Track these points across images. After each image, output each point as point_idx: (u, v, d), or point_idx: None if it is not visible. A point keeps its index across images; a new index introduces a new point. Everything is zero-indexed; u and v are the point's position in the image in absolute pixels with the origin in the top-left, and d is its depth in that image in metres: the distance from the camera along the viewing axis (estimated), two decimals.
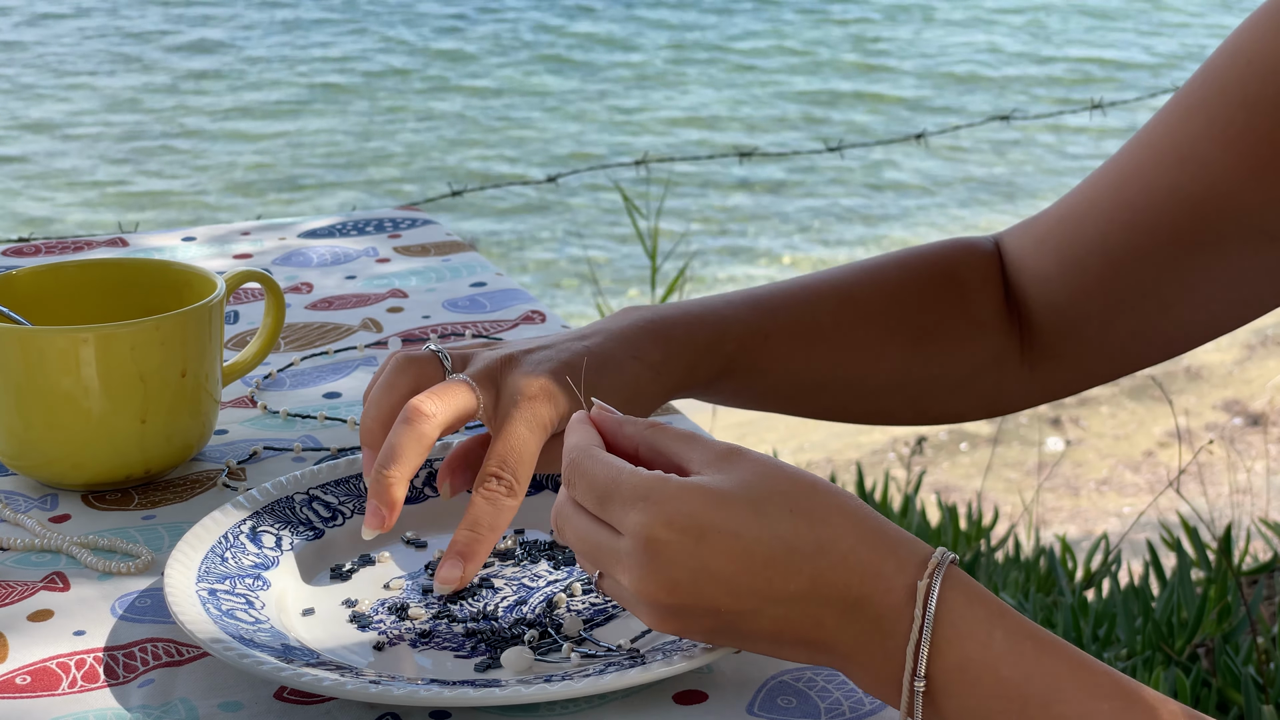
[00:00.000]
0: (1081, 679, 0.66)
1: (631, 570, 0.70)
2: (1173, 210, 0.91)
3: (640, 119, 7.60)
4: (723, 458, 0.72)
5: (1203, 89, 0.91)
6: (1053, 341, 0.99)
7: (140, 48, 8.87)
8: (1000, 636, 0.67)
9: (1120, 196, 0.94)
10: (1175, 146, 0.91)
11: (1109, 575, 2.62)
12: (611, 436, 0.77)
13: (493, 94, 8.04)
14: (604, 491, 0.72)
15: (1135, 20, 9.63)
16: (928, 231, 6.10)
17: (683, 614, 0.71)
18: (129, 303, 1.06)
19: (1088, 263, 0.95)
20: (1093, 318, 0.96)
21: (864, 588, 0.68)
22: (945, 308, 0.99)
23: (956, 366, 1.00)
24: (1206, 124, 0.89)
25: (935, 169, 6.73)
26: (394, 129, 7.44)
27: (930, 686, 0.67)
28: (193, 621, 0.79)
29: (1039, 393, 1.02)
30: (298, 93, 8.04)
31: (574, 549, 0.75)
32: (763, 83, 8.24)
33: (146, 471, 0.99)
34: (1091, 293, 0.95)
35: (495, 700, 0.74)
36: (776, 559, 0.69)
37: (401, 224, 1.49)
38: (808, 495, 0.70)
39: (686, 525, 0.69)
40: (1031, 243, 0.99)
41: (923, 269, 1.00)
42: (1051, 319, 0.98)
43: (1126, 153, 0.95)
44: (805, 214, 6.25)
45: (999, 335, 1.00)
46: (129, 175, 6.74)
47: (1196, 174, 0.90)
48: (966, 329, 1.00)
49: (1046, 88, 8.14)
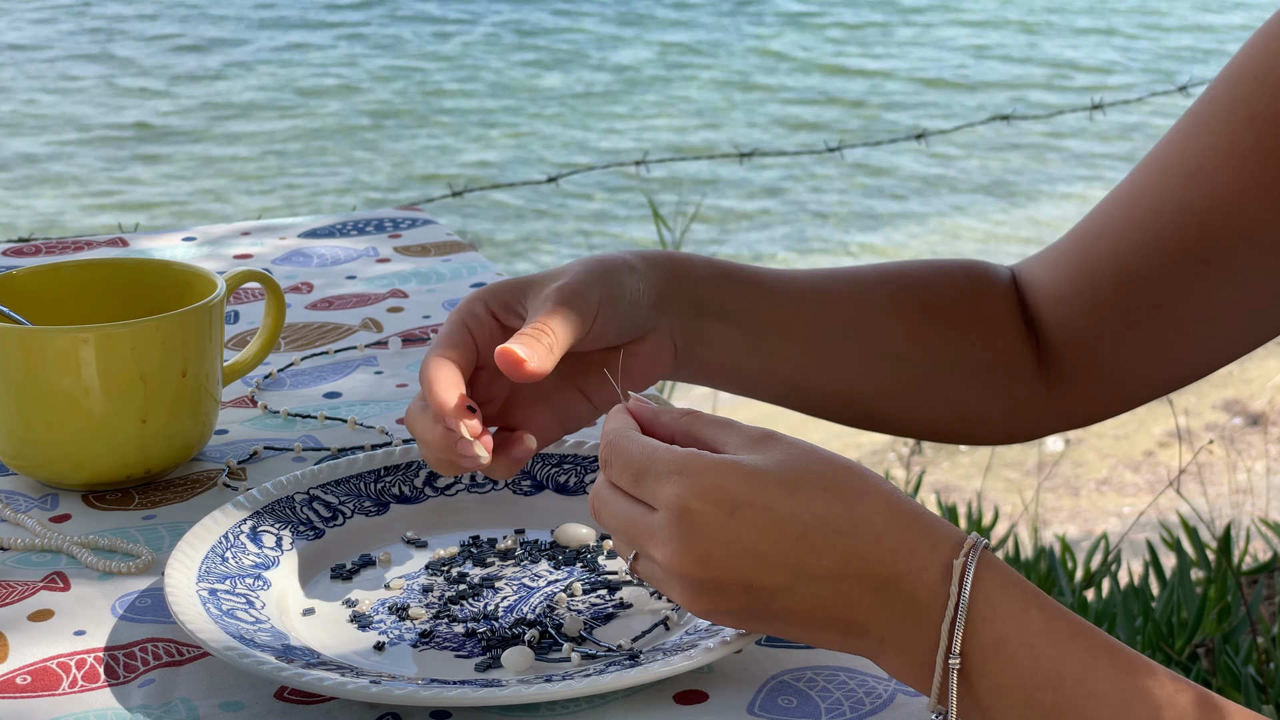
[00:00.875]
0: (1115, 657, 0.67)
1: (665, 544, 0.71)
2: (1181, 228, 0.91)
3: (640, 119, 7.60)
4: (758, 441, 0.73)
5: (1210, 105, 0.91)
6: (1069, 364, 0.98)
7: (137, 46, 8.88)
8: (1036, 615, 0.68)
9: (1130, 216, 0.93)
10: (1182, 164, 0.91)
11: (1109, 575, 2.62)
12: (648, 425, 0.77)
13: (493, 94, 8.04)
14: (639, 468, 0.72)
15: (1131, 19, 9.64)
16: (928, 232, 6.10)
17: (715, 590, 0.71)
18: (129, 303, 1.06)
19: (1100, 282, 0.95)
20: (1107, 339, 0.96)
21: (898, 566, 0.69)
22: (964, 299, 0.98)
23: (972, 355, 0.98)
24: (1213, 140, 0.89)
25: (935, 169, 6.73)
26: (394, 129, 7.44)
27: (964, 665, 0.68)
28: (193, 621, 0.79)
29: (1056, 418, 1.01)
30: (298, 92, 8.04)
31: (610, 530, 0.75)
32: (762, 83, 8.24)
33: (147, 471, 0.99)
34: (1105, 313, 0.95)
35: (496, 700, 0.74)
36: (810, 534, 0.69)
37: (401, 224, 1.49)
38: (843, 475, 0.71)
39: (720, 498, 0.70)
40: (1046, 266, 0.99)
41: (943, 266, 0.99)
42: (1067, 340, 0.97)
43: (1137, 173, 0.95)
44: (805, 214, 6.25)
45: (1015, 340, 0.99)
46: (130, 175, 6.74)
47: (1204, 190, 0.90)
48: (984, 322, 0.99)
49: (1045, 89, 8.14)
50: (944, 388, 0.98)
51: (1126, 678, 0.67)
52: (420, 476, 0.96)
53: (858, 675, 0.78)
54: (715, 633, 0.78)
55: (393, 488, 0.95)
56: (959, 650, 0.68)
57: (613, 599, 0.85)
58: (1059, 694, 0.67)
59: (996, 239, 6.00)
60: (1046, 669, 0.67)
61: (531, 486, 0.96)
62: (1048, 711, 0.67)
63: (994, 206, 6.37)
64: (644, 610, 0.84)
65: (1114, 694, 0.67)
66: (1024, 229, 6.10)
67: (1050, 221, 6.17)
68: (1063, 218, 6.21)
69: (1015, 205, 6.38)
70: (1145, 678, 0.67)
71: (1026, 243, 5.94)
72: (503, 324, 0.86)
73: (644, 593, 0.85)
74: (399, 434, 1.07)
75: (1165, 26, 9.54)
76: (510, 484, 0.96)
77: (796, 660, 0.79)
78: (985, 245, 5.93)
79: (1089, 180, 6.64)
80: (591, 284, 0.85)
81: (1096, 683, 0.67)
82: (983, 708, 0.68)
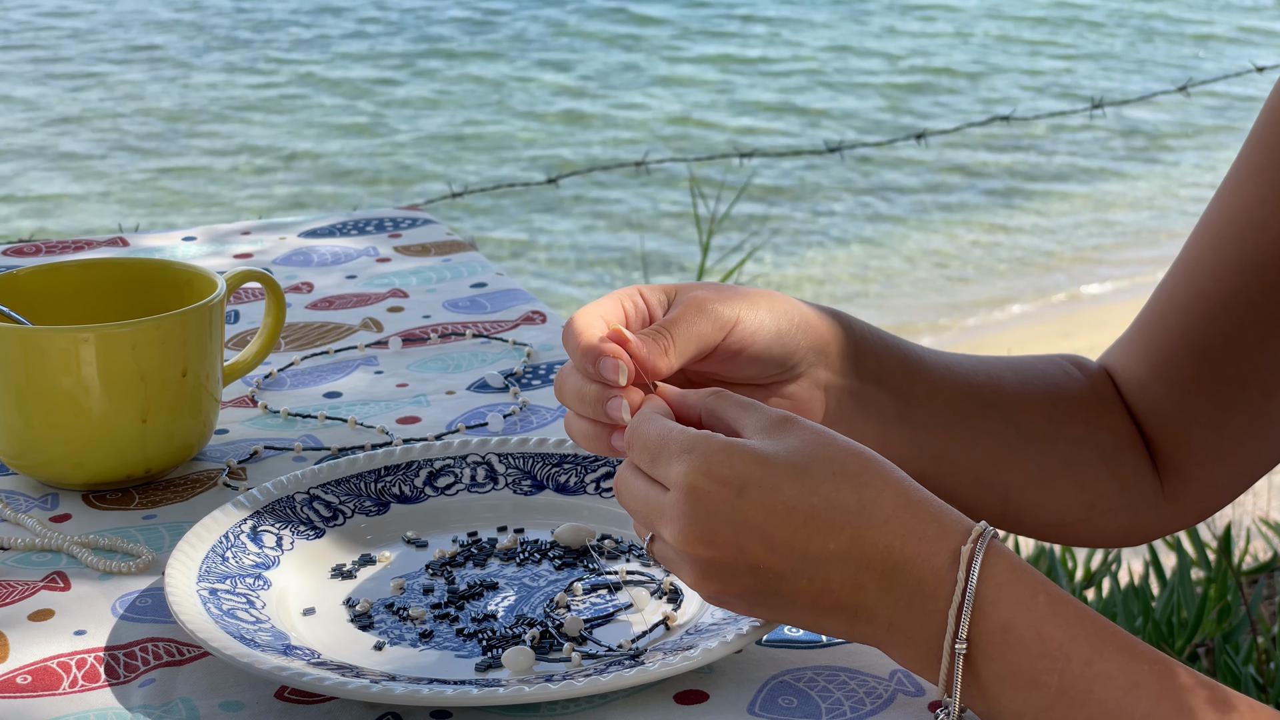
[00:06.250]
0: (1121, 641, 0.68)
1: (674, 522, 0.71)
2: (1243, 287, 0.90)
3: (640, 120, 7.60)
4: (776, 424, 0.73)
5: (1252, 158, 0.90)
6: (1168, 454, 0.96)
7: (153, 38, 8.88)
8: (1043, 599, 0.68)
9: (1192, 288, 0.92)
10: (1233, 221, 0.90)
11: (1109, 575, 2.62)
12: (677, 406, 0.78)
13: (493, 94, 8.04)
14: (655, 449, 0.73)
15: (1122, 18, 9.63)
16: (930, 232, 6.10)
17: (723, 571, 0.71)
18: (129, 302, 1.06)
19: (1178, 360, 0.93)
20: (1198, 420, 0.93)
21: (906, 551, 0.69)
22: (1082, 387, 0.96)
23: (1101, 437, 0.95)
24: (1259, 190, 0.89)
25: (935, 169, 6.73)
26: (394, 129, 7.44)
27: (970, 651, 0.68)
28: (193, 621, 0.79)
29: (1175, 516, 0.98)
30: (297, 93, 8.04)
31: (629, 511, 0.76)
32: (762, 83, 8.24)
33: (147, 471, 0.99)
34: (1190, 392, 0.93)
35: (496, 700, 0.74)
36: (817, 516, 0.70)
37: (402, 224, 1.49)
38: (854, 460, 0.71)
39: (727, 477, 0.70)
40: (1120, 355, 0.97)
41: (1050, 358, 0.97)
42: (1159, 426, 0.95)
43: (1190, 243, 0.93)
44: (805, 214, 6.25)
45: (1130, 424, 0.96)
46: (130, 174, 6.74)
47: (1259, 242, 0.89)
48: (1104, 406, 0.96)
49: (1042, 92, 8.14)
50: (1077, 472, 0.95)
51: (1133, 661, 0.67)
52: (420, 476, 0.96)
53: (858, 675, 0.78)
54: (715, 633, 0.78)
55: (393, 488, 0.95)
56: (965, 635, 0.68)
57: (613, 599, 0.85)
58: (1065, 677, 0.67)
59: (997, 238, 6.00)
60: (1053, 652, 0.67)
61: (531, 486, 0.96)
62: (1053, 695, 0.67)
63: (994, 207, 6.37)
64: (644, 610, 0.84)
65: (1121, 675, 0.67)
66: (1025, 229, 6.10)
67: (1051, 224, 6.17)
68: (1063, 216, 6.21)
69: (1015, 205, 6.38)
70: (1152, 662, 0.67)
71: (1029, 244, 5.94)
72: (653, 317, 0.84)
73: (645, 593, 0.85)
74: (399, 434, 1.07)
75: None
76: (510, 484, 0.96)
77: (797, 660, 0.79)
78: (987, 246, 5.93)
79: (1089, 180, 6.64)
80: (734, 303, 0.82)
81: (1103, 665, 0.67)
82: (988, 694, 0.69)
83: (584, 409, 0.80)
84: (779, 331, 0.83)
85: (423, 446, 0.97)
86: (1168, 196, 6.50)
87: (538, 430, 1.07)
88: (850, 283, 5.61)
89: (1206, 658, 2.31)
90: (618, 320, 0.82)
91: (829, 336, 0.86)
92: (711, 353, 0.82)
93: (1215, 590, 2.34)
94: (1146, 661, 0.67)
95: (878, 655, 0.79)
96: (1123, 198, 6.47)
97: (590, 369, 0.78)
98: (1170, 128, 7.25)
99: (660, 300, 0.84)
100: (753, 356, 0.83)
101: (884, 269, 5.74)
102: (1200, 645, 2.32)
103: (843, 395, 0.87)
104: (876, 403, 0.88)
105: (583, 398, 0.79)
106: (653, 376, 0.79)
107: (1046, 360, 0.98)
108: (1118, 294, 5.43)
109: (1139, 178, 6.70)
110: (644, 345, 0.79)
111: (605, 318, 0.81)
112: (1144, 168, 6.82)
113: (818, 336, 0.85)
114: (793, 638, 0.81)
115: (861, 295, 5.47)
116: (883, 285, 5.60)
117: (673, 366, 0.80)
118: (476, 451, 0.97)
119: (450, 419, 1.09)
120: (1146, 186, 6.60)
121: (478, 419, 1.09)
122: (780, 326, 0.83)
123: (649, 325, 0.83)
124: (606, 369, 0.78)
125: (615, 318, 0.82)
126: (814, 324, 0.85)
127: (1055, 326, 5.13)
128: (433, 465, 0.96)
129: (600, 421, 0.79)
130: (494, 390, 1.13)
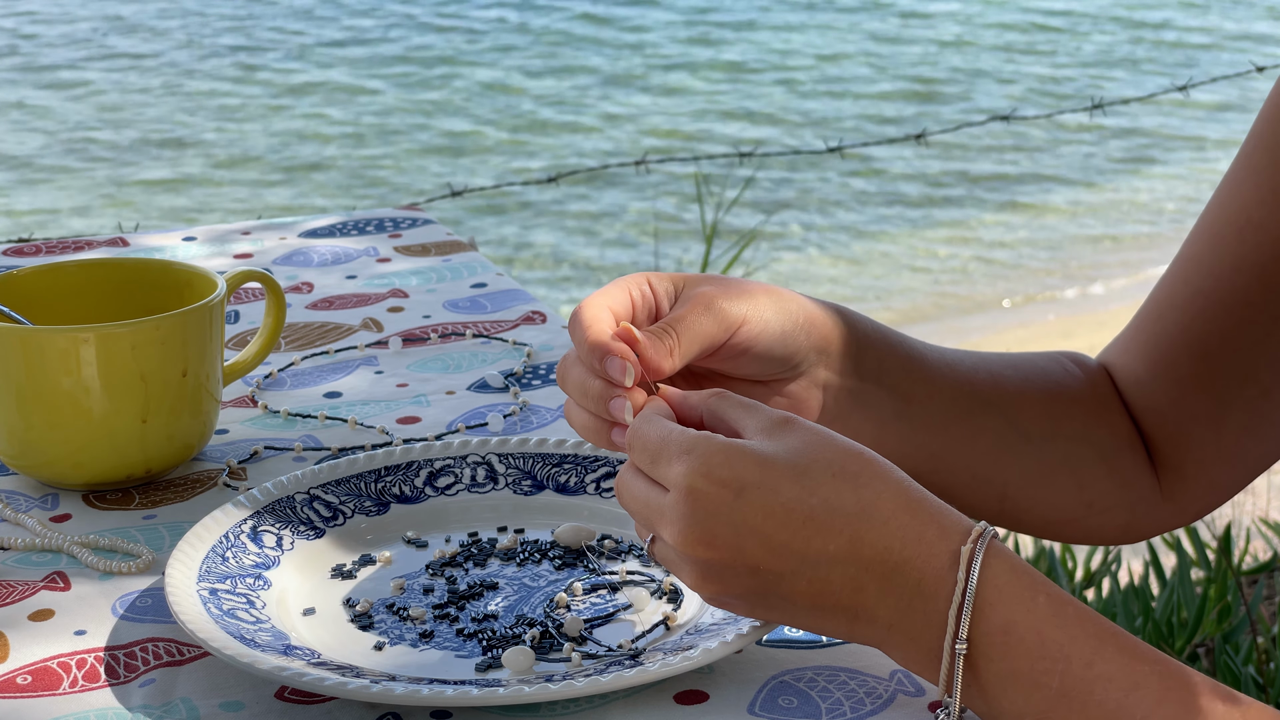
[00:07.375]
0: (1121, 642, 0.68)
1: (674, 523, 0.71)
2: (1242, 286, 0.90)
3: (639, 120, 7.60)
4: (777, 425, 0.73)
5: (1251, 157, 0.90)
6: (1166, 452, 0.96)
7: (141, 42, 8.88)
8: (1044, 600, 0.68)
9: (1190, 286, 0.92)
10: (1232, 220, 0.90)
11: (1109, 575, 2.62)
12: (678, 407, 0.78)
13: (493, 93, 8.04)
14: (655, 451, 0.73)
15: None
16: (930, 232, 6.10)
17: (723, 572, 0.71)
18: (129, 303, 1.06)
19: (1176, 359, 0.93)
20: (1198, 419, 0.94)
21: (905, 552, 0.69)
22: (1082, 385, 0.96)
23: (1100, 435, 0.95)
24: (1257, 190, 0.89)
25: (935, 169, 6.73)
26: (395, 129, 7.44)
27: (970, 651, 0.68)
28: (193, 621, 0.79)
29: (1172, 515, 0.98)
30: (296, 92, 8.04)
31: (630, 512, 0.76)
32: (761, 84, 8.24)
33: (147, 471, 0.99)
34: (1188, 390, 0.93)
35: (497, 700, 0.74)
36: (816, 518, 0.70)
37: (402, 224, 1.49)
38: (853, 461, 0.71)
39: (727, 478, 0.70)
40: (1119, 352, 0.97)
41: (1051, 356, 0.97)
42: (1157, 424, 0.95)
43: (1189, 242, 0.93)
44: (805, 214, 6.25)
45: (1128, 422, 0.96)
46: (130, 174, 6.74)
47: (1257, 242, 0.89)
48: (1103, 404, 0.96)
49: (1042, 92, 8.14)
50: (1075, 470, 0.95)
51: (1134, 661, 0.67)
52: (420, 476, 0.96)
53: (858, 675, 0.78)
54: (715, 633, 0.78)
55: (393, 488, 0.95)
56: (965, 636, 0.68)
57: (613, 599, 0.85)
58: (1066, 678, 0.67)
59: (998, 238, 6.00)
60: (1054, 653, 0.67)
61: (531, 486, 0.96)
62: (1054, 696, 0.67)
63: (994, 207, 6.37)
64: (644, 610, 0.84)
65: (1122, 676, 0.67)
66: (1025, 229, 6.10)
67: (1051, 224, 6.17)
68: (1063, 217, 6.21)
69: (1015, 205, 6.38)
70: (1153, 663, 0.67)
71: (1029, 244, 5.94)
72: (659, 308, 0.83)
73: (644, 593, 0.85)
74: (399, 434, 1.07)
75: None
76: (510, 484, 0.96)
77: (796, 660, 0.79)
78: (987, 246, 5.93)
79: (1090, 180, 6.64)
80: (741, 301, 0.81)
81: (1104, 666, 0.67)
82: (988, 695, 0.68)
83: (586, 402, 0.80)
84: (783, 332, 0.83)
85: (423, 446, 0.97)
86: (1167, 197, 6.50)
87: (538, 430, 1.07)
88: (850, 283, 5.61)
89: (1206, 658, 2.31)
90: (625, 310, 0.81)
91: (832, 335, 0.86)
92: (716, 351, 0.82)
93: (1215, 590, 2.34)
94: (1147, 662, 0.67)
95: (878, 655, 0.79)
96: (1122, 198, 6.47)
97: (596, 365, 0.78)
98: (1170, 128, 7.25)
99: (668, 290, 0.83)
100: (756, 356, 0.83)
101: (884, 269, 5.75)
102: (1200, 645, 2.32)
103: (841, 394, 0.87)
104: (875, 401, 0.88)
105: (585, 391, 0.79)
106: (655, 377, 0.79)
107: (1047, 358, 0.98)
108: (1117, 295, 5.43)
109: (1139, 178, 6.70)
110: (649, 345, 0.79)
111: (612, 308, 0.81)
112: (1144, 168, 6.82)
113: (821, 336, 0.85)
114: (793, 638, 0.81)
115: (861, 296, 5.47)
116: (882, 285, 5.60)
117: (676, 367, 0.80)
118: (476, 451, 0.97)
119: (450, 419, 1.09)
120: (1146, 187, 6.61)
121: (478, 419, 1.09)
122: (785, 327, 0.83)
123: (655, 315, 0.83)
124: (613, 369, 0.78)
125: (622, 307, 0.81)
126: (818, 323, 0.85)
127: (1055, 327, 5.13)
128: (433, 465, 0.96)
129: (601, 416, 0.80)
130: (494, 390, 1.13)
